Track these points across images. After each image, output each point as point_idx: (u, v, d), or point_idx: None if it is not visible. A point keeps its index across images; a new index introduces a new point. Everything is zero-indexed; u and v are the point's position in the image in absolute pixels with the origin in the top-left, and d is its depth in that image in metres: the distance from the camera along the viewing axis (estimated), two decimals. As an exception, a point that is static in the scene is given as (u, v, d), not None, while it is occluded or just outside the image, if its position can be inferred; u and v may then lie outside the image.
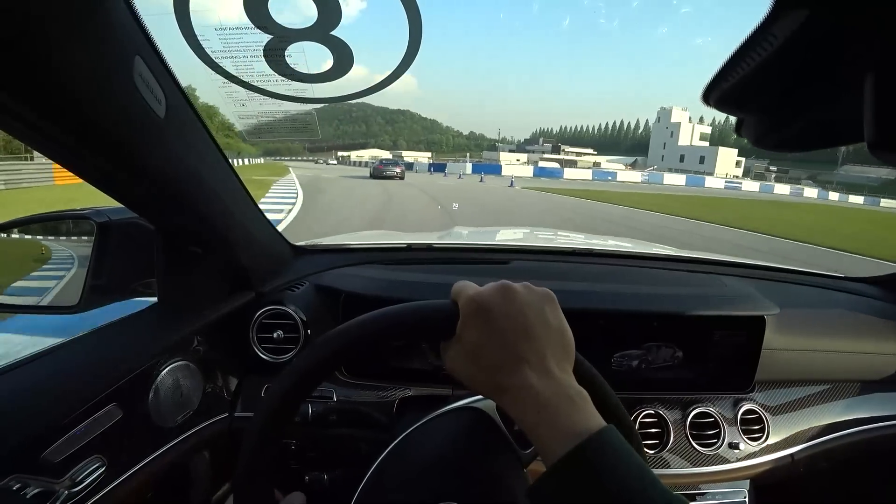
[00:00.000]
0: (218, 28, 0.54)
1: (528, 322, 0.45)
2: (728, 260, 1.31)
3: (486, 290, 0.46)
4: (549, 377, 0.42)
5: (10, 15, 0.33)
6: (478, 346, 0.45)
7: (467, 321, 0.45)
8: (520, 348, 0.43)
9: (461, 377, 0.47)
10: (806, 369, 1.03)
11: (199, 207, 0.71)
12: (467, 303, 0.46)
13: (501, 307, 0.45)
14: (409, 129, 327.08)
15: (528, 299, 0.46)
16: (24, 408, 0.57)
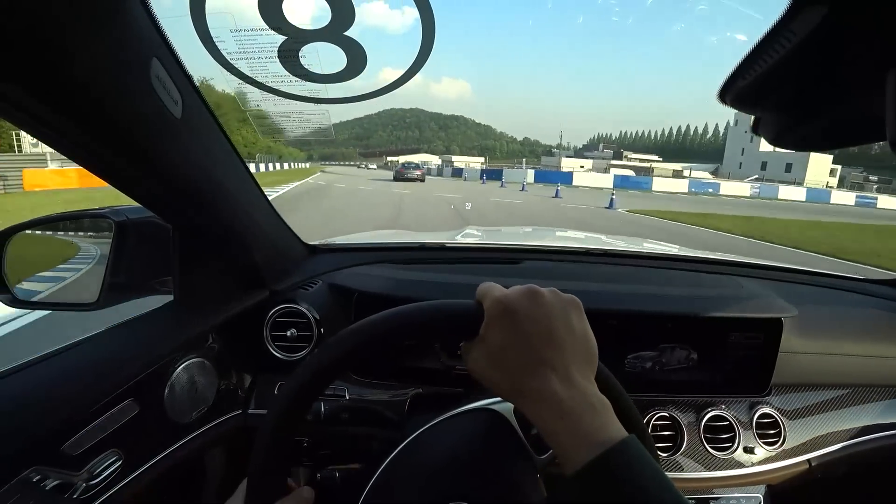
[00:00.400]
0: (233, 30, 0.55)
1: (553, 327, 0.45)
2: (744, 261, 1.28)
3: (513, 292, 0.46)
4: (571, 384, 0.42)
5: (31, 17, 0.34)
6: (501, 348, 0.45)
7: (492, 323, 0.45)
8: (544, 353, 0.43)
9: (482, 379, 0.47)
10: (824, 373, 1.00)
11: (214, 206, 0.72)
12: (493, 304, 0.46)
13: (528, 310, 0.45)
14: (462, 135, 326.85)
15: (554, 304, 0.46)
16: (45, 402, 0.58)
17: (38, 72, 0.37)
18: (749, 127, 0.35)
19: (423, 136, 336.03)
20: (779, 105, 0.31)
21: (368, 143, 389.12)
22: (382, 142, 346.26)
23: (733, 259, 1.30)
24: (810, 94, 0.29)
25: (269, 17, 0.54)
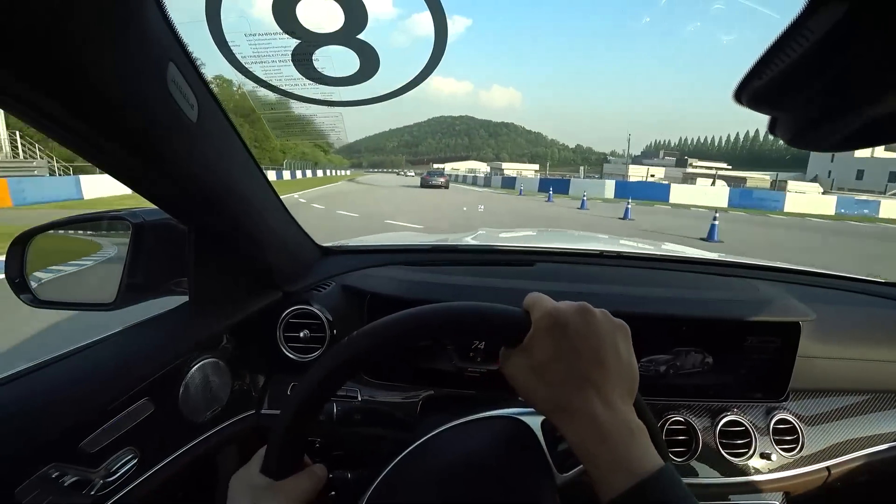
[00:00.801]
0: (248, 34, 0.55)
1: (600, 348, 0.45)
2: (761, 264, 1.26)
3: (565, 307, 0.47)
4: (612, 407, 0.42)
5: (50, 22, 0.34)
6: (546, 360, 0.45)
7: (539, 334, 0.45)
8: (589, 372, 0.43)
9: (521, 388, 0.47)
10: (844, 378, 0.98)
11: (229, 208, 0.73)
12: (544, 316, 0.46)
13: (578, 327, 0.45)
14: (512, 142, 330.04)
15: (604, 325, 0.46)
16: (63, 400, 0.59)
17: (57, 76, 0.38)
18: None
19: (473, 144, 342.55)
20: (796, 105, 0.31)
21: (417, 151, 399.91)
22: (431, 149, 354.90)
23: (749, 262, 1.28)
24: (828, 94, 0.28)
25: (283, 21, 0.55)
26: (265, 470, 0.49)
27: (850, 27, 0.23)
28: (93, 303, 0.80)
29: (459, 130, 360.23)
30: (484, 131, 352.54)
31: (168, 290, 0.85)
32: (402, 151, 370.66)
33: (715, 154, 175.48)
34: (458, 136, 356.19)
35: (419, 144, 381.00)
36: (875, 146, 0.33)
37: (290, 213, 0.95)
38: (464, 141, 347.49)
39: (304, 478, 0.51)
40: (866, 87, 0.26)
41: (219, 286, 0.86)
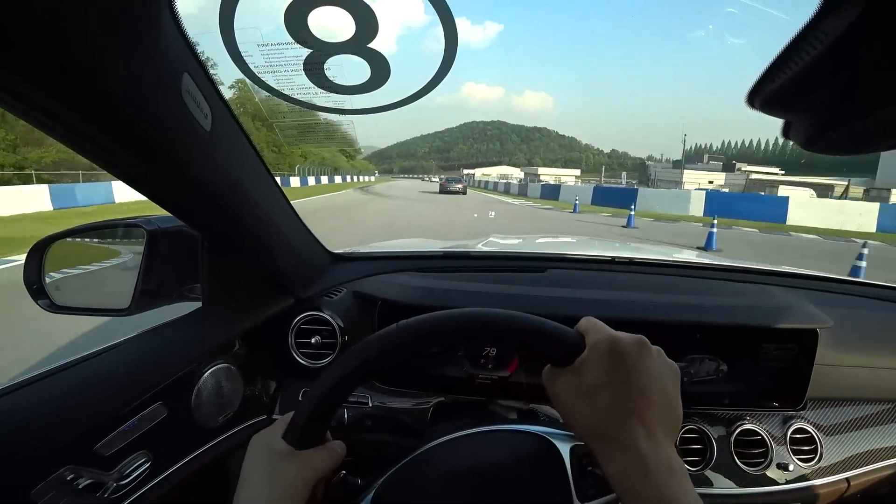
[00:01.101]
0: (261, 44, 0.56)
1: (652, 383, 0.45)
2: (777, 269, 1.24)
3: (623, 336, 0.47)
4: (657, 443, 0.42)
5: (66, 32, 0.35)
6: (596, 385, 0.45)
7: (593, 358, 0.45)
8: (637, 404, 0.43)
9: (564, 408, 0.47)
10: (864, 387, 0.96)
11: (242, 216, 0.74)
12: (602, 341, 0.46)
13: (634, 359, 0.45)
14: (544, 147, 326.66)
15: (659, 362, 0.46)
16: (79, 404, 0.60)
17: (73, 84, 0.39)
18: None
19: (505, 149, 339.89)
20: (810, 109, 0.30)
21: (449, 157, 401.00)
22: (463, 154, 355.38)
23: (764, 268, 1.26)
24: (843, 97, 0.28)
25: (295, 31, 0.55)
26: (287, 437, 0.50)
27: (865, 28, 0.22)
28: (108, 308, 0.81)
29: (491, 135, 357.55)
30: (516, 136, 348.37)
31: (181, 296, 0.86)
32: (434, 157, 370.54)
33: (761, 158, 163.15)
34: (490, 142, 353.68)
35: (451, 150, 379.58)
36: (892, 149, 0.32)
37: (301, 219, 0.95)
38: (495, 146, 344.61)
39: (323, 452, 0.51)
40: (883, 88, 0.26)
41: (231, 292, 0.87)
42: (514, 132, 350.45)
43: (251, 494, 0.47)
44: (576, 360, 0.46)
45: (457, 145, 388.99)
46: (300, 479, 0.49)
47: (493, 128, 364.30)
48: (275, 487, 0.47)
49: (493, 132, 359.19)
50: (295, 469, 0.49)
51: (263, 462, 0.49)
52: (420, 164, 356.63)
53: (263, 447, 0.50)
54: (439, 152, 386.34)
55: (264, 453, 0.50)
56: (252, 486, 0.48)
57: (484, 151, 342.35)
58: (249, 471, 0.49)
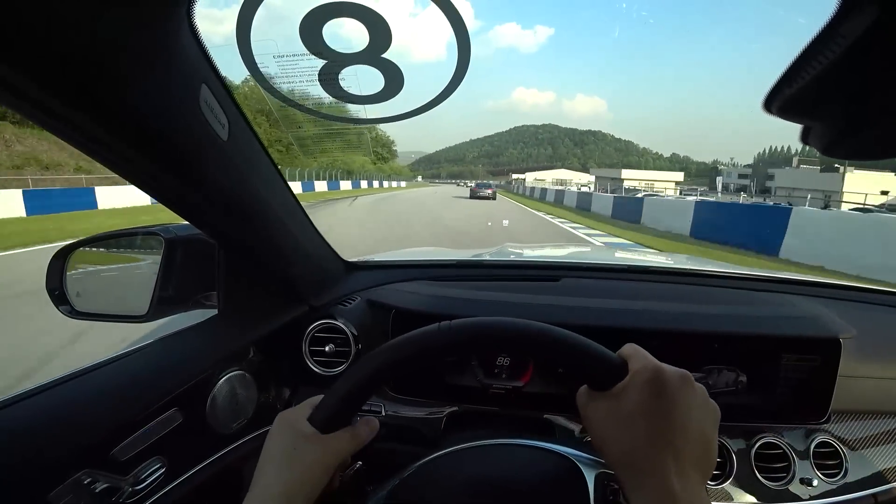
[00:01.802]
0: (276, 56, 0.57)
1: (691, 420, 0.44)
2: (798, 278, 1.21)
3: (669, 368, 0.46)
4: (688, 482, 0.41)
5: (89, 48, 0.36)
6: (634, 414, 0.44)
7: (634, 386, 0.45)
8: (674, 440, 0.42)
9: (597, 433, 0.47)
10: (890, 399, 0.93)
11: (257, 224, 0.74)
12: (643, 369, 0.46)
13: (676, 392, 0.44)
14: (599, 151, 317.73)
15: (700, 400, 0.46)
16: (97, 408, 0.61)
17: (95, 97, 0.40)
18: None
19: (557, 153, 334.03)
20: (830, 114, 0.29)
21: (498, 161, 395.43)
22: (513, 159, 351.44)
23: (785, 276, 1.23)
24: (862, 102, 0.27)
25: (311, 43, 0.56)
26: (312, 419, 0.50)
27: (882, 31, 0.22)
28: (126, 315, 0.83)
29: (542, 139, 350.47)
30: (569, 140, 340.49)
31: (198, 304, 0.87)
32: (483, 162, 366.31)
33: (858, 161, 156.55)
34: (541, 146, 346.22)
35: (500, 154, 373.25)
36: None
37: (316, 228, 0.96)
38: (547, 150, 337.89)
39: (346, 436, 0.52)
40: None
41: (246, 300, 0.88)
42: (567, 136, 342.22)
43: (272, 472, 0.48)
44: (616, 385, 0.46)
45: (507, 150, 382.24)
46: (321, 464, 0.49)
47: (545, 131, 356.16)
48: (295, 469, 0.48)
49: (545, 136, 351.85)
50: (317, 453, 0.49)
51: (286, 442, 0.49)
52: (468, 168, 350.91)
53: (287, 427, 0.51)
54: (489, 157, 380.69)
55: (288, 433, 0.50)
56: (273, 465, 0.48)
57: (535, 156, 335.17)
58: (273, 449, 0.50)
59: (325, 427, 0.50)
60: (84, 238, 0.85)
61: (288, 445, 0.49)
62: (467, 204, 21.55)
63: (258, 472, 0.49)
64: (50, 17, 0.32)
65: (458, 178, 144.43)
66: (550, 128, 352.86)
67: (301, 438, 0.49)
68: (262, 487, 0.48)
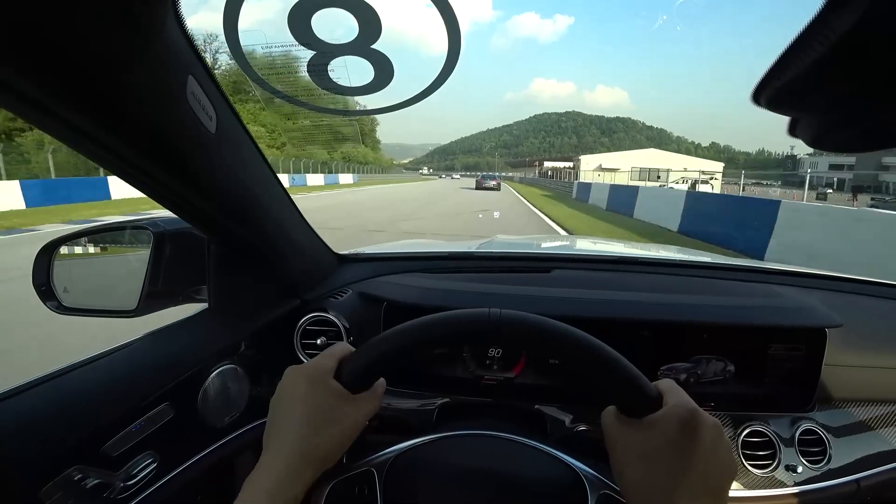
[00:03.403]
0: (265, 46, 0.56)
1: (713, 471, 0.44)
2: (784, 269, 1.23)
3: (704, 415, 0.46)
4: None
5: (74, 34, 0.35)
6: (659, 450, 0.44)
7: (667, 422, 0.45)
8: (693, 485, 0.42)
9: (618, 461, 0.47)
10: (874, 388, 0.95)
11: (247, 217, 0.74)
12: (682, 407, 0.45)
13: (707, 440, 0.44)
14: (630, 140, 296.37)
15: (726, 453, 0.46)
16: (87, 404, 0.61)
17: (79, 88, 0.39)
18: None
19: (583, 143, 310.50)
20: (817, 107, 0.30)
21: (517, 152, 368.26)
22: (533, 149, 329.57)
23: (771, 267, 1.24)
24: (851, 95, 0.27)
25: (300, 33, 0.55)
26: (342, 378, 0.49)
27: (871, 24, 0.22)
28: (115, 310, 0.82)
29: (565, 127, 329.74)
30: (595, 128, 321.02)
31: (188, 298, 0.86)
32: (500, 152, 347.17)
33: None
34: (565, 134, 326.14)
35: (520, 144, 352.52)
36: None
37: (307, 221, 0.96)
38: (571, 139, 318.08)
39: (370, 397, 0.51)
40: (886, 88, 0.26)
41: (237, 294, 0.87)
42: (593, 123, 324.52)
43: (301, 431, 0.46)
44: (647, 416, 0.46)
45: (527, 139, 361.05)
46: (355, 425, 0.49)
47: (568, 119, 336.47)
48: (329, 429, 0.47)
49: (568, 124, 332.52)
50: (352, 413, 0.48)
51: (316, 399, 0.47)
52: (485, 160, 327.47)
53: (312, 383, 0.49)
54: (507, 147, 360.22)
55: (317, 390, 0.48)
56: (303, 424, 0.46)
57: (558, 145, 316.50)
58: (297, 406, 0.48)
59: (355, 386, 0.49)
60: (70, 233, 0.84)
61: (320, 403, 0.47)
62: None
63: (275, 432, 0.47)
64: (32, 6, 0.31)
65: (474, 169, 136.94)
66: (574, 115, 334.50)
67: (332, 397, 0.48)
68: (290, 449, 0.45)
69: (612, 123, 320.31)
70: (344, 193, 24.80)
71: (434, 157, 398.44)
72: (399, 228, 10.91)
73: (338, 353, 0.52)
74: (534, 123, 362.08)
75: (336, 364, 0.50)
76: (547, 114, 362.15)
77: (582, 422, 0.85)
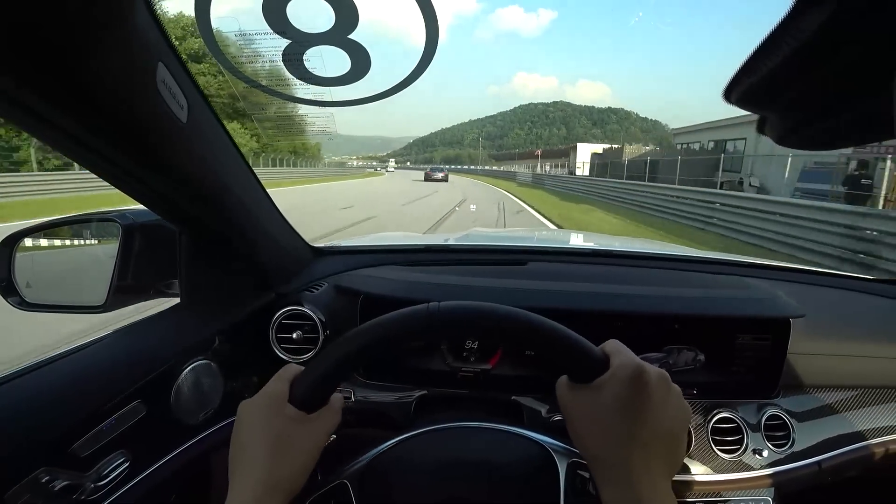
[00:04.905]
0: (238, 33, 0.55)
1: (665, 420, 0.45)
2: (751, 261, 1.27)
3: (650, 367, 0.47)
4: (656, 480, 0.43)
5: (37, 18, 0.34)
6: (612, 409, 0.45)
7: (615, 382, 0.46)
8: (647, 438, 0.44)
9: (574, 425, 0.48)
10: (834, 374, 0.99)
11: (220, 210, 0.72)
12: (627, 366, 0.46)
13: (656, 391, 0.45)
14: (624, 132, 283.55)
15: (676, 401, 0.47)
16: (54, 403, 0.59)
17: (46, 76, 0.38)
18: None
19: (573, 134, 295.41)
20: (785, 105, 0.31)
21: (502, 144, 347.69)
22: (519, 141, 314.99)
23: (741, 259, 1.28)
24: (818, 94, 0.28)
25: (274, 21, 0.54)
26: (296, 401, 0.49)
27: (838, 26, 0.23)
28: (82, 305, 0.79)
29: (554, 118, 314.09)
30: (586, 119, 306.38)
31: (159, 292, 0.84)
32: (484, 144, 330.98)
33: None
34: (553, 125, 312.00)
35: (504, 136, 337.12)
36: (863, 144, 0.33)
37: (281, 213, 0.94)
38: (560, 131, 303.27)
39: (328, 414, 0.51)
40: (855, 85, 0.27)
41: (210, 287, 0.86)
42: (583, 114, 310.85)
43: (261, 463, 0.45)
44: (596, 379, 0.46)
45: (512, 130, 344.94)
46: (315, 445, 0.48)
47: (557, 109, 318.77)
48: (290, 455, 0.46)
49: (557, 114, 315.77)
50: (311, 434, 0.48)
51: (272, 428, 0.47)
52: (467, 152, 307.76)
53: (266, 413, 0.48)
54: (491, 139, 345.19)
55: (273, 419, 0.47)
56: (262, 455, 0.46)
57: (546, 137, 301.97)
58: (253, 439, 0.47)
59: (309, 407, 0.49)
60: (33, 225, 0.80)
61: (277, 432, 0.47)
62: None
63: (238, 467, 0.46)
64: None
65: (454, 163, 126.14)
66: (563, 105, 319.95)
67: (289, 422, 0.47)
68: (255, 482, 0.45)
69: (605, 114, 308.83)
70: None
71: (413, 150, 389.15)
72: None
73: (288, 376, 0.51)
74: (519, 114, 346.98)
75: (287, 387, 0.50)
76: (533, 104, 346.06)
77: (558, 411, 0.87)
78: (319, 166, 45.27)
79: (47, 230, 0.83)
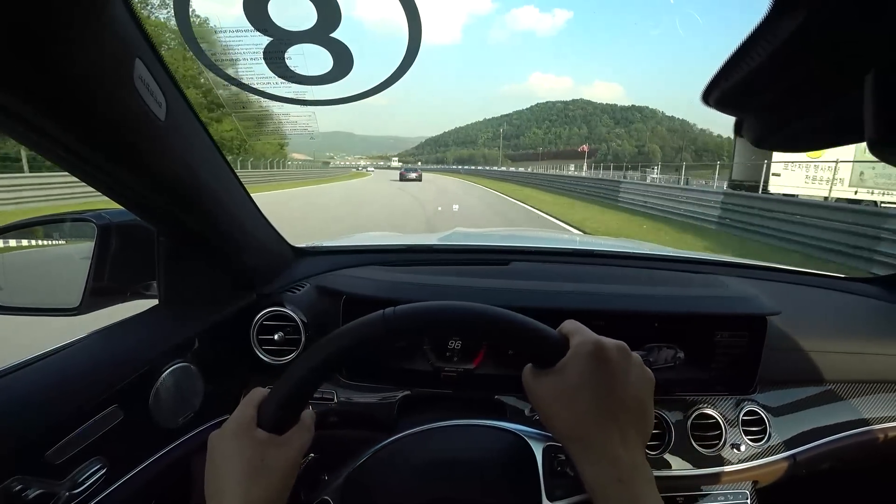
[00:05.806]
0: (218, 30, 0.54)
1: (630, 390, 0.46)
2: (729, 260, 1.30)
3: (607, 341, 0.48)
4: (630, 450, 0.43)
5: (14, 17, 0.33)
6: (577, 388, 0.45)
7: (576, 360, 0.46)
8: (616, 410, 0.44)
9: (543, 409, 0.48)
10: (808, 370, 1.02)
11: (200, 209, 0.71)
12: (585, 343, 0.47)
13: (616, 364, 0.46)
14: (650, 131, 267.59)
15: (638, 370, 0.48)
16: (27, 409, 0.57)
17: (20, 72, 0.37)
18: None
19: (594, 133, 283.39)
20: (762, 108, 0.32)
21: (518, 143, 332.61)
22: (537, 140, 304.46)
23: (719, 259, 1.31)
24: (793, 97, 0.29)
25: (255, 19, 0.54)
26: (265, 424, 0.48)
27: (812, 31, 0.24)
28: (56, 308, 0.77)
29: (574, 117, 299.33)
30: (608, 117, 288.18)
31: (137, 294, 0.82)
32: (499, 143, 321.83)
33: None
34: (573, 124, 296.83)
35: (521, 135, 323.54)
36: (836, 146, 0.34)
37: (262, 213, 0.93)
38: (582, 130, 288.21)
39: (300, 431, 0.51)
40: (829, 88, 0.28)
41: (189, 289, 0.84)
42: (605, 112, 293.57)
43: (238, 492, 0.45)
44: (558, 361, 0.47)
45: (529, 129, 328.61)
46: (290, 466, 0.48)
47: (576, 107, 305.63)
48: (266, 479, 0.46)
49: (577, 112, 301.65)
50: (284, 455, 0.48)
51: (244, 456, 0.46)
52: (481, 152, 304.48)
53: (238, 441, 0.47)
54: (506, 138, 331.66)
55: (244, 447, 0.47)
56: (237, 484, 0.45)
57: (565, 136, 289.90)
58: (227, 469, 0.46)
59: (281, 428, 0.49)
60: (3, 225, 0.78)
61: (249, 457, 0.46)
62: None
63: (215, 496, 0.46)
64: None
65: (468, 163, 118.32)
66: (583, 104, 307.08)
67: (260, 446, 0.47)
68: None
69: (628, 112, 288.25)
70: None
71: (425, 150, 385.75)
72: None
73: (255, 400, 0.51)
74: (536, 112, 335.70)
75: (255, 412, 0.50)
76: (551, 102, 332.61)
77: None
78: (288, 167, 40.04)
79: (18, 231, 0.80)
